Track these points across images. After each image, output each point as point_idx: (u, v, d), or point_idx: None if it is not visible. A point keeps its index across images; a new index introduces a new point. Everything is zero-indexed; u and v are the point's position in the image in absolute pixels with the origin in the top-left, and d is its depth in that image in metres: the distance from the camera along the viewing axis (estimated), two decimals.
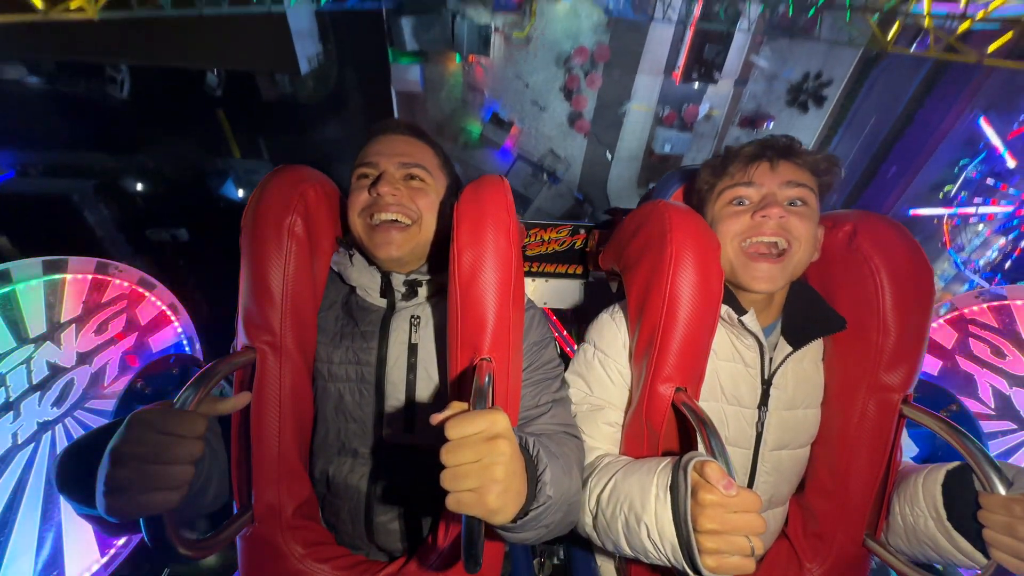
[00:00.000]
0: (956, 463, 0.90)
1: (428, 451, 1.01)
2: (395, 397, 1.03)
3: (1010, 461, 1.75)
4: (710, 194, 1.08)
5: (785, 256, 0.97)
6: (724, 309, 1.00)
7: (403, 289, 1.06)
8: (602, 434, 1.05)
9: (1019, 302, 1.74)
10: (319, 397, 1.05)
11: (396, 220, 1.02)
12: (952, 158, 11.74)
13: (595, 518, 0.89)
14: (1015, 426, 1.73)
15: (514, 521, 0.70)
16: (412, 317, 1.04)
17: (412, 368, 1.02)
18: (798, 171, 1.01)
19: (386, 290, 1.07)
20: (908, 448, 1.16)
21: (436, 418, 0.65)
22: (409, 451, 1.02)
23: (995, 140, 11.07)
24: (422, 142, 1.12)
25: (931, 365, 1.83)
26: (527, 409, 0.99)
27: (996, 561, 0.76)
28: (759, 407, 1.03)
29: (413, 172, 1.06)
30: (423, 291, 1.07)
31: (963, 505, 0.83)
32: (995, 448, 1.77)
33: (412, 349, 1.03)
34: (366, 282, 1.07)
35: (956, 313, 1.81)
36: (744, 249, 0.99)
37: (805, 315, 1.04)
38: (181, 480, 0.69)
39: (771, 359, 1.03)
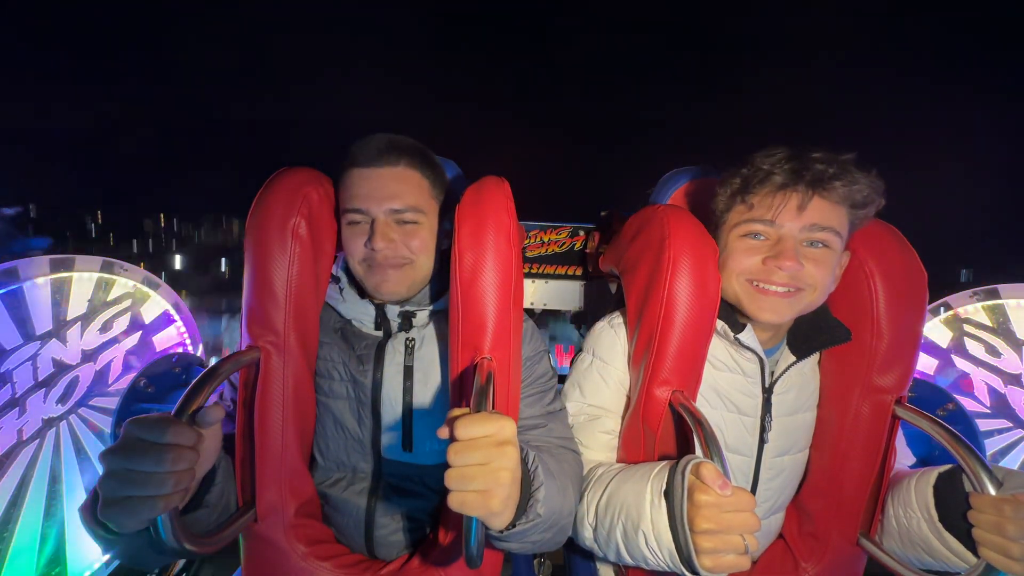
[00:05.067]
0: (948, 466, 0.91)
1: (427, 470, 1.03)
2: (392, 418, 1.03)
3: (1007, 458, 1.77)
4: (726, 216, 1.01)
5: (795, 295, 0.94)
6: (720, 325, 0.99)
7: (398, 320, 1.06)
8: (599, 443, 1.05)
9: (1013, 301, 1.76)
10: (320, 412, 1.06)
11: (391, 263, 1.01)
12: None
13: (595, 530, 0.90)
14: (1011, 424, 1.75)
15: (500, 531, 0.70)
16: (407, 340, 1.05)
17: (408, 391, 1.03)
18: (829, 210, 0.91)
19: (380, 321, 1.07)
20: (906, 456, 1.17)
21: (443, 431, 0.65)
22: (408, 469, 1.03)
23: None
24: (411, 169, 1.03)
25: (927, 364, 1.85)
26: (523, 420, 1.00)
27: (985, 560, 0.77)
28: (762, 416, 1.03)
29: (405, 217, 1.01)
30: (417, 320, 1.07)
31: (954, 506, 0.84)
32: (992, 446, 1.78)
33: (407, 372, 1.04)
34: (359, 315, 1.08)
35: (951, 312, 1.82)
36: (752, 284, 0.96)
37: (810, 326, 1.03)
38: (177, 486, 0.68)
39: (772, 371, 1.03)
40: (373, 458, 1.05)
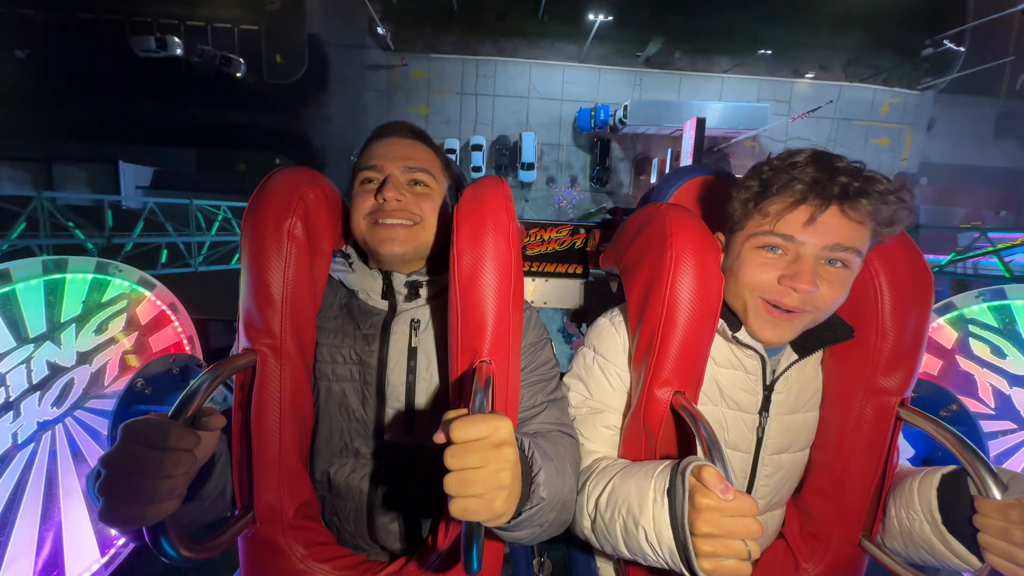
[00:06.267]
0: (951, 467, 0.90)
1: (427, 452, 1.03)
2: (395, 399, 1.03)
3: (1010, 460, 1.76)
4: (743, 223, 0.96)
5: (801, 315, 0.92)
6: (719, 323, 0.98)
7: (404, 291, 1.06)
8: (601, 437, 1.05)
9: (1019, 302, 1.74)
10: (323, 397, 1.05)
11: (401, 223, 1.03)
12: None
13: (594, 522, 0.90)
14: (1015, 426, 1.74)
15: (507, 521, 0.70)
16: (412, 320, 1.05)
17: (412, 371, 1.03)
18: (852, 230, 0.85)
19: (387, 292, 1.07)
20: (903, 450, 1.16)
21: (439, 436, 0.65)
22: (409, 451, 1.03)
23: None
24: (425, 145, 1.12)
25: (931, 365, 1.83)
26: (524, 410, 1.00)
27: (990, 565, 0.77)
28: (760, 412, 1.02)
29: (418, 177, 1.06)
30: (424, 292, 1.08)
31: (958, 509, 0.84)
32: (995, 448, 1.77)
33: (412, 352, 1.04)
34: (367, 285, 1.08)
35: (956, 313, 1.81)
36: (763, 301, 0.93)
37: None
38: (172, 493, 0.68)
39: (773, 369, 1.03)
40: (375, 441, 1.04)
